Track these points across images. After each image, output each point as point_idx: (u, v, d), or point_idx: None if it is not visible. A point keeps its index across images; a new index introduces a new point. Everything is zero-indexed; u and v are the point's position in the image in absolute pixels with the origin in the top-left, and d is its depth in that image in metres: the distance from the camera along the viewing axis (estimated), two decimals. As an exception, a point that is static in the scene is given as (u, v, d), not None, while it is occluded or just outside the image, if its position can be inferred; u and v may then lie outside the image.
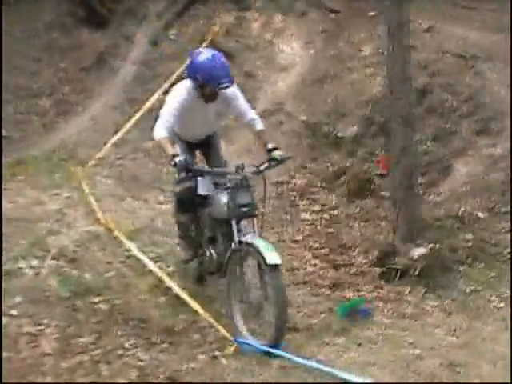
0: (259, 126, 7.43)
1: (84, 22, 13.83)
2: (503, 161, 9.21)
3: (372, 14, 11.61)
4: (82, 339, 6.16)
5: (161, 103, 11.21)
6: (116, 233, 8.20)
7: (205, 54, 7.10)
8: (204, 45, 11.89)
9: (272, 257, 6.44)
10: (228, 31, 12.64)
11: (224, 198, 6.96)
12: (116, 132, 10.98)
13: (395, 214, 8.33)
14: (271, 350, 6.31)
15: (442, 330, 6.41)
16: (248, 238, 6.74)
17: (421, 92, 10.12)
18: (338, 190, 9.78)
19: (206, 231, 7.46)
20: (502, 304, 7.73)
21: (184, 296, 7.05)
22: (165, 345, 6.40)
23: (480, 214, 8.67)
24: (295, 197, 9.75)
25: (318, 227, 9.25)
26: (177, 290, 7.20)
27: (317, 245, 8.90)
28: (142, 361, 5.95)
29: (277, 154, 7.15)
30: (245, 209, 6.86)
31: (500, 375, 5.96)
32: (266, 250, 6.51)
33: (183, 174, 6.96)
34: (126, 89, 12.56)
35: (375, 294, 7.87)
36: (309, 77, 11.30)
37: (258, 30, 12.77)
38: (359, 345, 6.71)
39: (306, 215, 9.49)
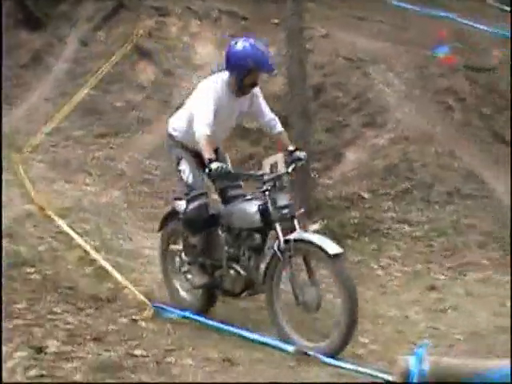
0: (279, 127, 6.64)
1: (22, 24, 13.66)
2: (385, 150, 9.38)
3: (276, 21, 11.62)
4: (17, 305, 6.05)
5: (91, 97, 11.42)
6: (48, 211, 8.05)
7: (247, 42, 6.06)
8: (128, 46, 11.83)
9: (333, 247, 5.64)
10: (150, 34, 12.52)
11: (252, 207, 6.02)
12: (49, 122, 10.80)
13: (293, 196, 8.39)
14: (186, 313, 6.37)
15: (330, 294, 6.45)
16: (296, 235, 5.83)
17: (316, 89, 10.21)
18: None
19: (226, 249, 6.28)
20: (380, 272, 7.90)
21: (108, 267, 7.00)
22: (91, 310, 6.33)
23: (365, 195, 8.81)
24: (210, 180, 9.73)
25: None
26: (101, 261, 7.13)
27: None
28: (70, 324, 5.85)
29: (301, 154, 6.47)
30: (286, 210, 5.91)
31: (379, 332, 6.09)
32: (323, 241, 5.71)
33: (195, 192, 6.22)
34: (58, 84, 12.43)
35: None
36: (218, 74, 11.28)
37: (176, 33, 12.70)
38: (261, 308, 6.75)
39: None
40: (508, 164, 9.81)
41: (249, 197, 6.29)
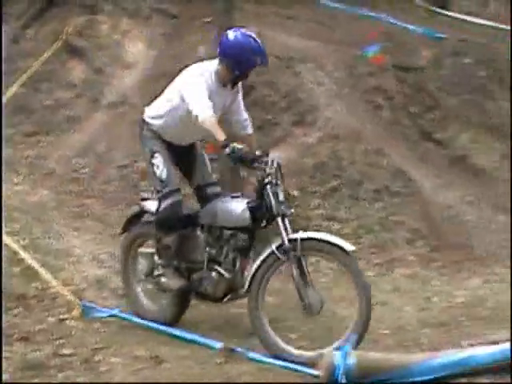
0: (250, 128, 6.52)
1: None
2: (314, 148, 9.46)
3: (207, 19, 11.58)
4: None
5: (21, 95, 11.26)
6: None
7: (249, 36, 5.99)
8: (58, 43, 11.71)
9: (347, 244, 5.52)
10: (80, 32, 12.36)
11: (240, 205, 5.83)
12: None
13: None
14: (114, 312, 6.37)
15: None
16: (302, 235, 5.61)
17: (247, 88, 10.22)
18: (175, 172, 9.78)
19: (208, 250, 6.01)
20: (310, 268, 7.93)
21: (36, 266, 6.94)
22: (18, 309, 6.34)
23: (295, 193, 8.86)
24: (136, 179, 9.68)
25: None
26: (29, 260, 7.06)
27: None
28: (-2, 323, 5.83)
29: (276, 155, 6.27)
30: (283, 206, 5.71)
31: (308, 328, 6.16)
32: (336, 239, 5.55)
33: (167, 189, 5.96)
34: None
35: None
36: (151, 73, 11.22)
37: (107, 31, 12.56)
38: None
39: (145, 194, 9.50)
40: (435, 162, 10.02)
41: (234, 195, 6.13)
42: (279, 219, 5.61)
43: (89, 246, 8.12)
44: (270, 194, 5.66)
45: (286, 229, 5.61)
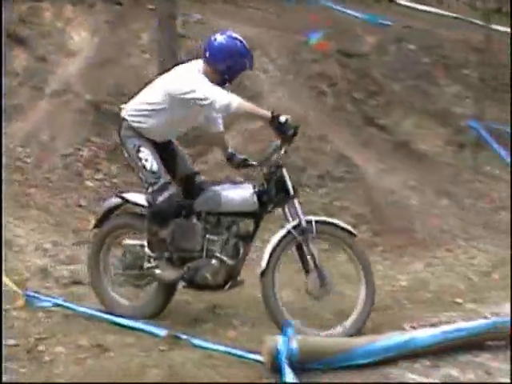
0: (221, 126, 6.55)
1: None
2: (259, 134, 9.43)
3: (151, 7, 11.50)
4: None
5: None
6: None
7: (238, 40, 5.92)
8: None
9: (353, 229, 5.91)
10: (23, 20, 12.19)
11: (248, 190, 5.90)
12: None
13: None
14: (58, 301, 6.33)
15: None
16: (315, 218, 5.88)
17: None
18: (118, 161, 9.66)
19: (208, 237, 5.95)
20: (255, 256, 7.98)
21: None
22: (-41, 301, 6.23)
23: (238, 179, 8.86)
24: (81, 167, 9.62)
25: (100, 193, 9.21)
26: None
27: (98, 209, 8.88)
28: None
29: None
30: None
31: (251, 314, 6.22)
32: (343, 224, 5.91)
33: (162, 180, 5.84)
34: None
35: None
36: (94, 61, 11.13)
37: (50, 18, 12.41)
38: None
39: (89, 183, 9.44)
40: (378, 147, 10.12)
41: (235, 182, 6.44)
42: (296, 200, 5.83)
43: (32, 236, 8.07)
44: (287, 176, 5.85)
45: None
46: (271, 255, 5.72)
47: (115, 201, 6.42)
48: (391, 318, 6.26)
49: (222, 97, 5.61)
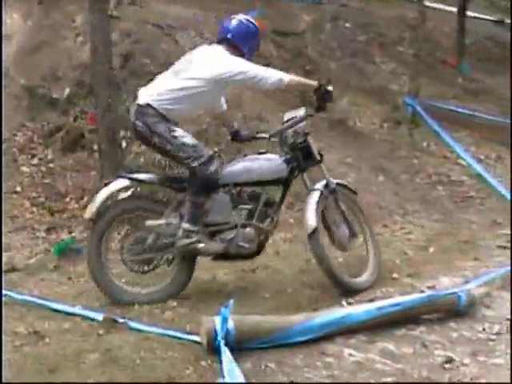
0: (226, 105, 7.10)
1: None
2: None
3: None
4: None
5: None
6: None
7: (248, 18, 6.53)
8: None
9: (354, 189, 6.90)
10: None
11: (277, 158, 6.46)
12: None
13: (101, 165, 8.36)
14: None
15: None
16: (337, 180, 6.68)
17: (124, 57, 10.12)
18: (54, 146, 9.57)
19: (241, 207, 6.29)
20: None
21: None
22: None
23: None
24: (16, 153, 9.50)
25: (36, 179, 9.11)
26: None
27: (34, 194, 8.79)
28: None
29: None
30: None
31: (188, 294, 6.23)
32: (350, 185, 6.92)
33: (207, 152, 6.24)
34: None
35: (85, 234, 7.86)
36: (27, 45, 10.95)
37: (-20, 2, 12.18)
38: (69, 279, 6.74)
39: (25, 168, 9.31)
40: (315, 125, 10.14)
41: (260, 152, 6.68)
42: (323, 165, 6.54)
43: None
44: (312, 144, 6.48)
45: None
46: (315, 212, 6.22)
47: (119, 184, 6.33)
48: (328, 295, 6.31)
49: (273, 73, 6.17)
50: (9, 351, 5.01)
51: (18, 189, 8.91)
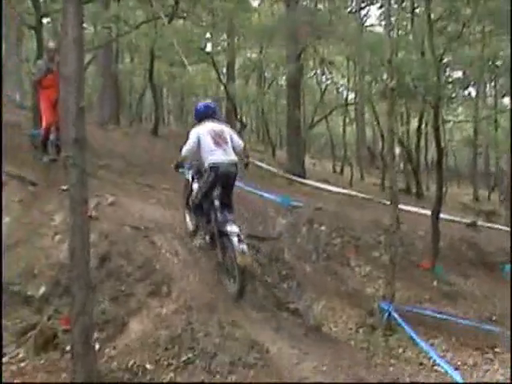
0: None
1: None
2: (169, 319, 9.29)
3: (64, 187, 11.50)
4: None
5: None
6: None
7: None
8: None
9: None
10: None
11: None
12: None
13: (73, 366, 8.14)
14: None
15: None
16: None
17: (101, 258, 10.12)
18: (26, 344, 9.36)
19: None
20: None
21: None
22: None
23: (148, 366, 8.62)
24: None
25: (4, 379, 8.80)
26: None
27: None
28: None
29: None
30: None
31: None
32: None
33: None
34: None
35: None
36: (5, 242, 10.90)
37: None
38: None
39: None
40: (291, 332, 10.06)
41: None
42: None
43: None
44: None
45: None
46: None
47: None
48: None
49: None
50: None
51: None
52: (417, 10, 27.55)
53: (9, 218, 11.48)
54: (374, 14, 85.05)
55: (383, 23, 29.11)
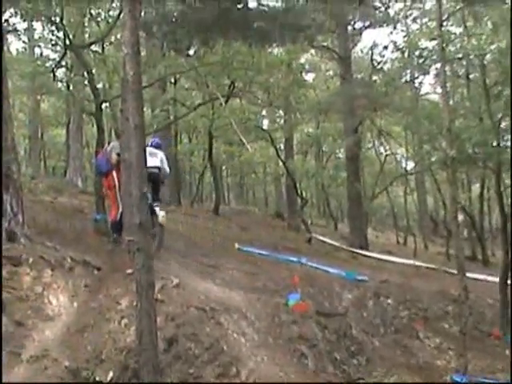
0: None
1: None
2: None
3: (129, 271, 11.59)
4: None
5: None
6: None
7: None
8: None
9: None
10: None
11: None
12: None
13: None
14: None
15: None
16: None
17: (169, 341, 10.10)
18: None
19: None
20: None
21: None
22: None
23: None
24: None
25: None
26: None
27: None
28: None
29: None
30: None
31: None
32: None
33: None
34: None
35: None
36: (73, 326, 10.99)
37: (29, 283, 12.39)
38: None
39: None
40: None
41: None
42: None
43: None
44: None
45: None
46: None
47: None
48: None
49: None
50: None
51: None
52: (471, 76, 27.58)
53: (76, 303, 11.59)
54: (427, 82, 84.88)
55: (439, 91, 29.14)
